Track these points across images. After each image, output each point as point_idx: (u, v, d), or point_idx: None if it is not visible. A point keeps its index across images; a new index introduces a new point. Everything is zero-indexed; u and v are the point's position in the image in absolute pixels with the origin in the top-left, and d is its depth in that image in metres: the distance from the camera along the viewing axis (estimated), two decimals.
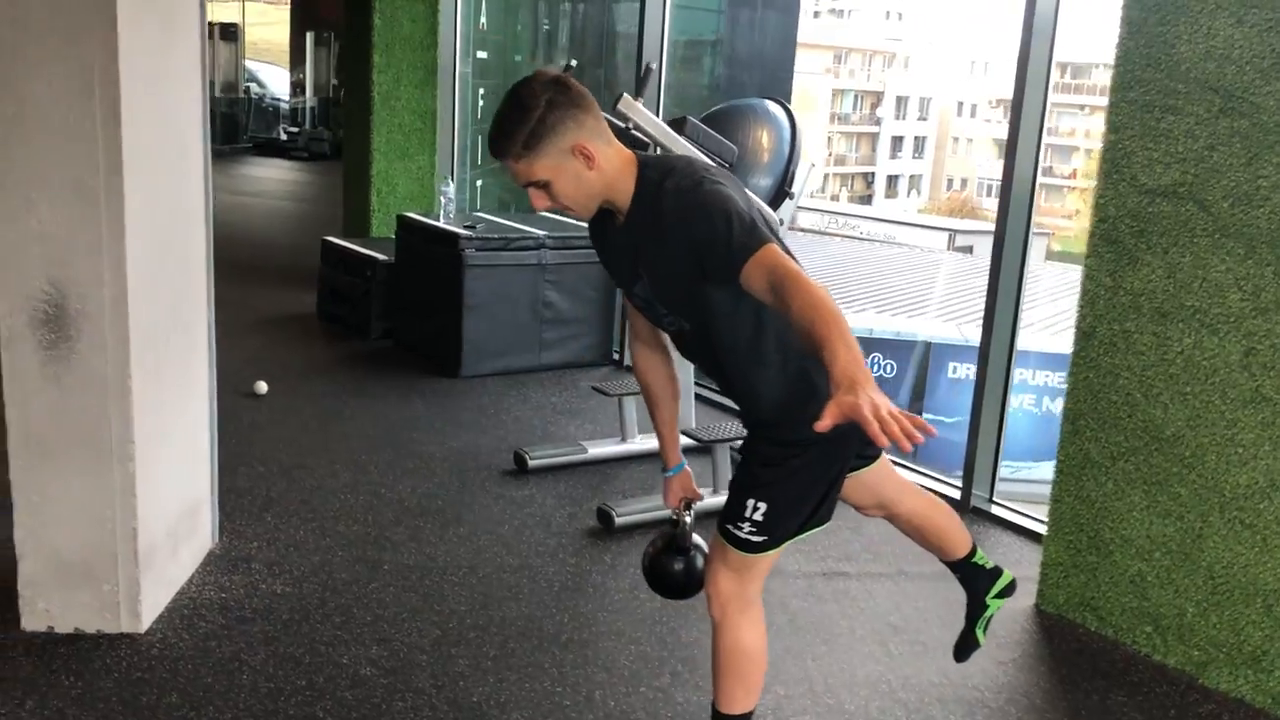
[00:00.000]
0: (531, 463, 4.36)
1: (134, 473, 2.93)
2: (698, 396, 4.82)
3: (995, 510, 4.21)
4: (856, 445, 2.31)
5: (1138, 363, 3.21)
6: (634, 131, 3.71)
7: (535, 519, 3.96)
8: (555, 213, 2.28)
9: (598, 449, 4.54)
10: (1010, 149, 4.04)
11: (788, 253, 2.02)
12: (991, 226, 4.28)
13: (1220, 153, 2.98)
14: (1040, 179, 4.04)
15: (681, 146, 3.74)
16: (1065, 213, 46.37)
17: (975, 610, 2.76)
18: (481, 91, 8.08)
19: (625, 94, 3.66)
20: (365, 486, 4.14)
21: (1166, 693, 3.06)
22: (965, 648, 2.81)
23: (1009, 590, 2.77)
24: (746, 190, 2.23)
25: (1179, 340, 3.10)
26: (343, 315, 6.49)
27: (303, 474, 4.22)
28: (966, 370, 11.71)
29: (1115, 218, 3.23)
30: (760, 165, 3.95)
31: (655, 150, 3.73)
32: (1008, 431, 4.22)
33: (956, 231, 31.37)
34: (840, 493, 2.38)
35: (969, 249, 27.90)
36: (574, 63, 4.48)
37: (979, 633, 2.77)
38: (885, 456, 2.56)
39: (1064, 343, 13.09)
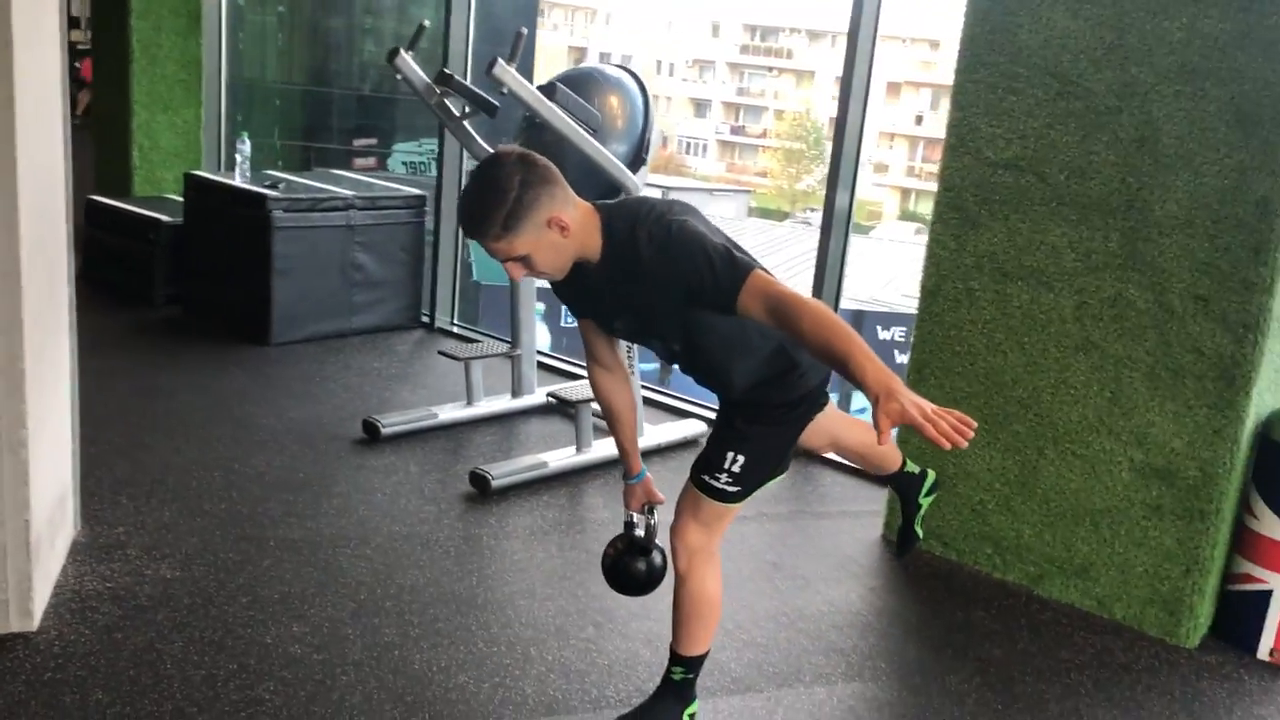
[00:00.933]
0: (385, 430, 4.32)
1: (26, 461, 2.72)
2: (554, 368, 4.90)
3: (832, 455, 4.58)
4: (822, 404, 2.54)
5: (980, 316, 3.61)
6: (506, 94, 3.74)
7: (406, 487, 3.94)
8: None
9: (447, 414, 4.54)
10: (840, 125, 4.35)
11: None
12: (702, 184, 4.52)
13: (1057, 131, 3.39)
14: (735, 138, 4.38)
15: (552, 112, 3.80)
16: (759, 170, 48.80)
17: (911, 510, 3.06)
18: (241, 36, 7.68)
19: (500, 60, 3.67)
20: (216, 462, 3.97)
21: (1011, 605, 3.51)
22: (907, 542, 3.09)
23: (936, 487, 3.10)
24: (700, 214, 2.35)
25: (1018, 296, 3.52)
26: (118, 281, 6.05)
27: (144, 453, 3.99)
28: (893, 333, 12.57)
29: (960, 187, 3.60)
30: (616, 132, 4.06)
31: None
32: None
33: (668, 189, 32.49)
34: None
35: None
36: (427, 22, 4.39)
37: (918, 529, 3.08)
38: (832, 400, 2.78)
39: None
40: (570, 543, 3.64)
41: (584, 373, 5.19)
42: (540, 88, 3.82)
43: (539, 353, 5.05)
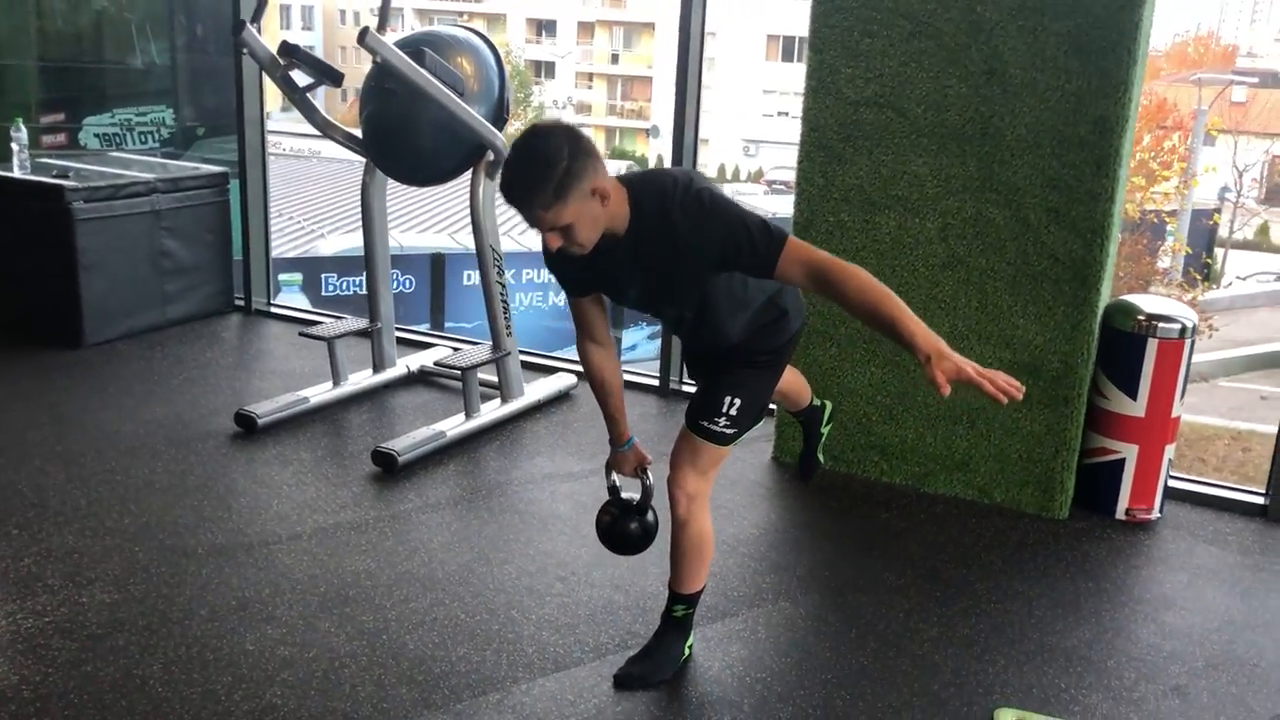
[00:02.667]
0: (261, 421, 4.15)
1: None
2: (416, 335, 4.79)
3: (688, 388, 4.79)
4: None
5: (851, 245, 3.90)
6: (378, 62, 3.65)
7: (309, 475, 3.83)
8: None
9: (318, 397, 4.41)
10: (680, 86, 4.49)
11: None
12: None
13: (912, 68, 3.70)
14: None
15: (425, 79, 3.74)
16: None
17: (814, 439, 3.34)
18: None
19: (370, 29, 3.57)
20: (94, 477, 3.70)
21: (907, 504, 3.87)
22: (811, 468, 3.38)
23: (832, 416, 3.39)
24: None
25: (886, 224, 3.83)
26: None
27: (4, 479, 3.66)
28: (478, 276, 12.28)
29: (824, 126, 3.85)
30: (473, 94, 4.04)
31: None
32: (534, 327, 4.77)
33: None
34: None
35: None
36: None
37: (820, 455, 3.37)
38: None
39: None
40: (499, 506, 3.68)
41: (442, 340, 5.17)
42: (408, 55, 3.74)
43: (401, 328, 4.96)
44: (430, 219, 14.74)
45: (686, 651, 2.83)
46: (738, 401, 2.60)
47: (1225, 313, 14.68)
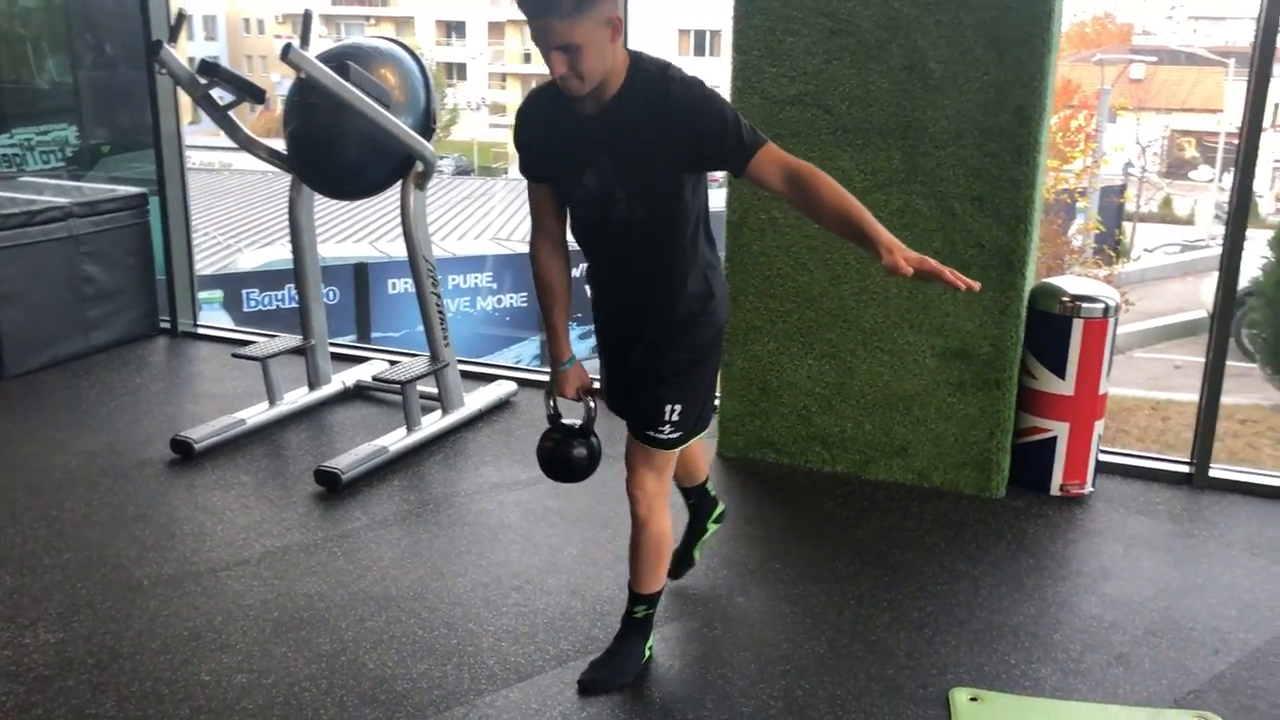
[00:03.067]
0: (199, 446, 4.08)
1: None
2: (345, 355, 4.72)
3: None
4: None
5: (784, 241, 3.96)
6: (301, 77, 3.61)
7: (251, 499, 3.78)
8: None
9: (255, 418, 4.35)
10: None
11: None
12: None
13: (834, 66, 3.76)
14: None
15: (350, 93, 3.71)
16: None
17: (697, 534, 3.18)
18: None
19: (293, 44, 3.53)
20: (26, 514, 3.61)
21: (850, 491, 3.94)
22: (683, 566, 3.19)
23: (722, 518, 3.24)
24: None
25: None
26: None
27: None
28: (405, 284, 12.15)
29: (751, 126, 3.90)
30: (399, 105, 4.02)
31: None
32: (468, 334, 4.72)
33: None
34: None
35: None
36: (187, 10, 4.07)
37: (697, 553, 3.21)
38: None
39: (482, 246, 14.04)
40: (447, 519, 3.67)
41: (376, 354, 5.13)
42: (333, 69, 3.70)
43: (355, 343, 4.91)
44: (350, 228, 14.56)
45: (647, 652, 2.86)
46: (678, 408, 2.59)
47: (1138, 286, 15.12)
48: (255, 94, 3.99)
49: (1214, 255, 17.39)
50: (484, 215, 17.99)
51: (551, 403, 2.72)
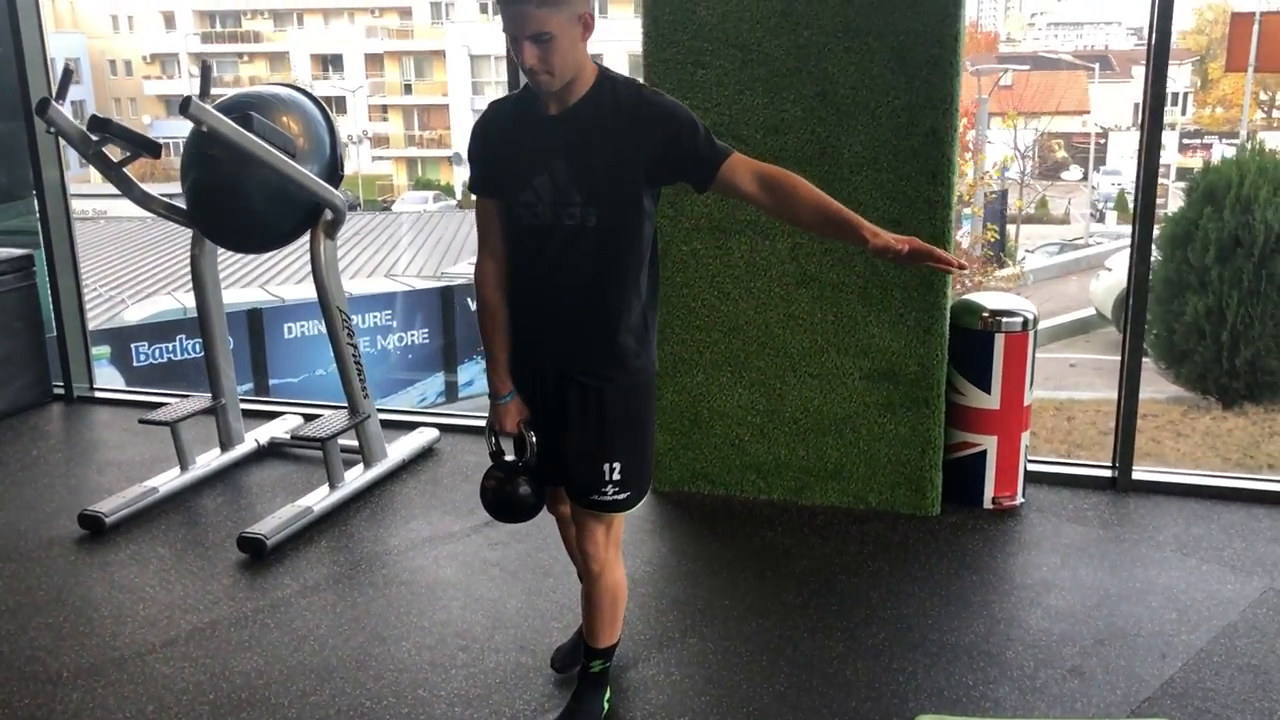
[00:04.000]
0: (109, 520, 3.87)
1: None
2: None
3: None
4: None
5: (707, 272, 3.94)
6: (203, 130, 3.47)
7: (172, 573, 3.60)
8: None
9: (166, 485, 4.15)
10: None
11: None
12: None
13: (747, 95, 3.76)
14: None
15: (255, 144, 3.57)
16: None
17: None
18: None
19: (192, 98, 3.39)
20: None
21: (788, 519, 3.92)
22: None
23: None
24: None
25: (738, 248, 3.89)
26: None
27: None
28: (301, 327, 11.85)
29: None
30: (304, 153, 3.89)
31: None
32: (373, 376, 4.50)
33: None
34: None
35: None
36: (72, 65, 3.88)
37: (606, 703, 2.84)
38: None
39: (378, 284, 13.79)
40: (381, 579, 3.54)
41: (288, 409, 4.96)
42: (235, 119, 3.57)
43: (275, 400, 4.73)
44: (237, 273, 14.19)
45: (606, 706, 2.78)
46: (618, 465, 2.48)
47: (1025, 288, 15.58)
48: (150, 148, 3.82)
49: (1095, 254, 18.03)
50: (377, 251, 17.72)
51: (493, 439, 2.58)
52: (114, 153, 3.92)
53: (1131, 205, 4.10)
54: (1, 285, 5.03)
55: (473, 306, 12.71)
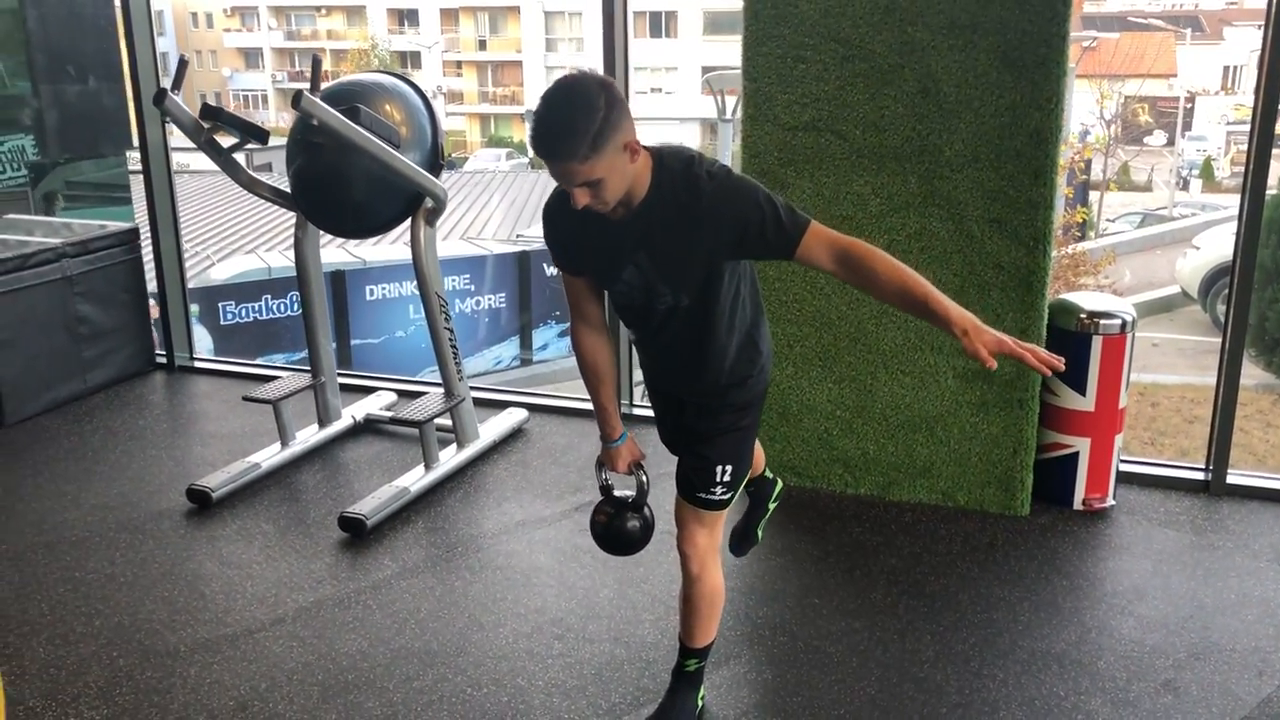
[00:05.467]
0: (215, 495, 4.02)
1: None
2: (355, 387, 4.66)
3: (640, 410, 4.80)
4: None
5: (799, 266, 3.93)
6: (315, 124, 3.55)
7: (277, 550, 3.73)
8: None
9: (268, 461, 4.29)
10: None
11: None
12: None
13: (848, 91, 3.75)
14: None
15: (363, 136, 3.65)
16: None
17: (758, 513, 3.22)
18: None
19: (304, 92, 3.47)
20: (49, 577, 3.55)
21: (875, 515, 3.95)
22: (745, 544, 3.26)
23: (781, 494, 3.28)
24: None
25: None
26: None
27: None
28: (383, 290, 12.07)
29: (764, 152, 3.88)
30: (406, 142, 3.96)
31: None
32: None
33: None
34: None
35: (268, 166, 27.56)
36: (187, 57, 4.00)
37: (759, 532, 3.26)
38: None
39: (453, 247, 13.89)
40: (478, 563, 3.64)
41: (391, 387, 5.08)
42: (342, 112, 3.64)
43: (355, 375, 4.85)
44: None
45: (700, 703, 2.85)
46: (729, 468, 2.58)
47: (1104, 260, 15.25)
48: (258, 135, 3.92)
49: (1180, 227, 17.58)
50: (450, 212, 17.86)
51: (603, 475, 2.71)
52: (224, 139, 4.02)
53: (1220, 176, 3.98)
54: (110, 258, 5.19)
55: (549, 271, 12.79)
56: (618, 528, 2.68)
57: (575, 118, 2.09)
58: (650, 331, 2.52)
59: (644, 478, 2.69)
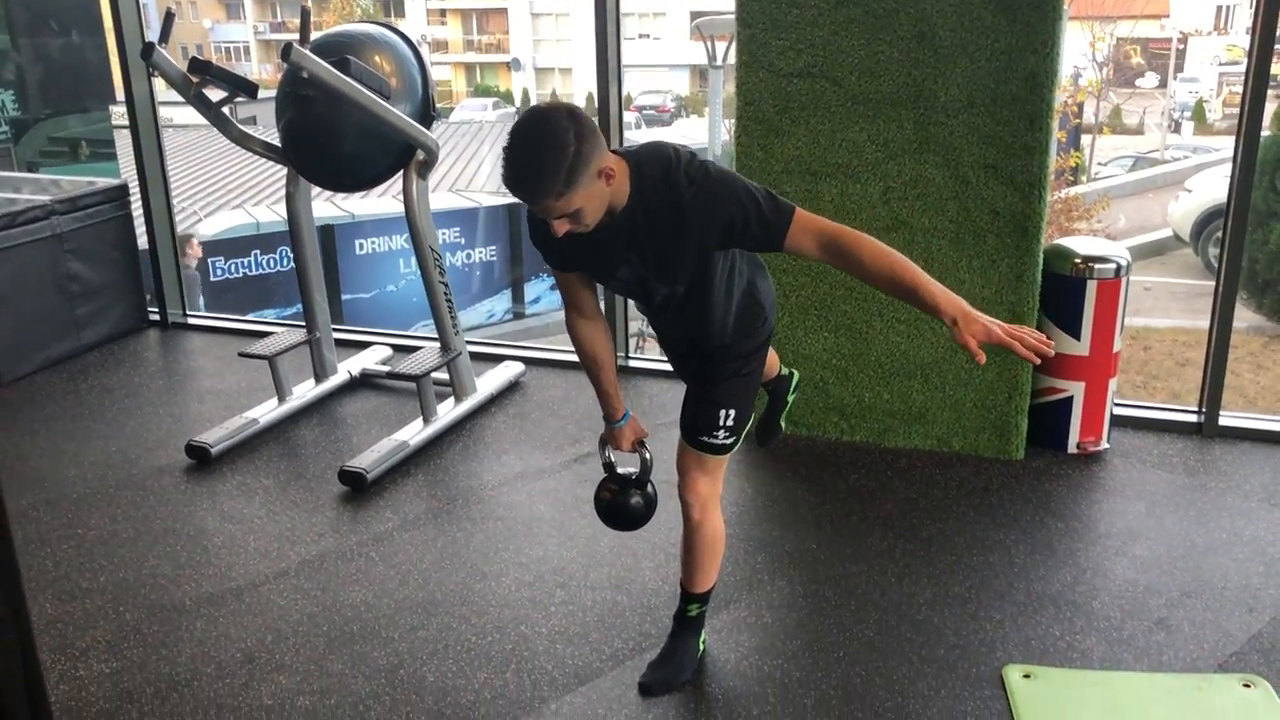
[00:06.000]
0: (214, 450, 4.03)
1: None
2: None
3: (637, 363, 4.81)
4: None
5: None
6: (304, 75, 3.52)
7: (278, 504, 3.75)
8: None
9: (266, 416, 4.30)
10: None
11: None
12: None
13: (842, 37, 3.72)
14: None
15: (352, 88, 3.62)
16: None
17: (779, 406, 3.28)
18: None
19: (293, 44, 3.43)
20: (50, 534, 3.57)
21: (871, 461, 3.98)
22: (770, 434, 3.31)
23: (799, 385, 3.36)
24: None
25: (828, 191, 3.88)
26: None
27: None
28: (372, 244, 12.02)
29: (759, 100, 3.86)
30: (396, 93, 3.93)
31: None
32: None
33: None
34: None
35: (253, 119, 27.29)
36: (173, 8, 3.94)
37: (782, 422, 3.31)
38: None
39: (441, 199, 13.82)
40: (479, 514, 3.67)
41: (383, 340, 5.08)
42: (332, 63, 3.61)
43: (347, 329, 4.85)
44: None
45: (701, 647, 2.89)
46: (732, 413, 2.62)
47: (1097, 205, 15.23)
48: (248, 89, 3.89)
49: (1172, 170, 17.54)
50: (438, 164, 17.72)
51: (606, 453, 2.76)
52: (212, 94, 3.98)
53: (1212, 117, 3.98)
54: (100, 215, 5.16)
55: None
56: (621, 503, 2.74)
57: (546, 158, 2.08)
58: (653, 310, 2.58)
59: (647, 455, 2.74)
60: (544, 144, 2.09)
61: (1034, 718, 2.63)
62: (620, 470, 2.76)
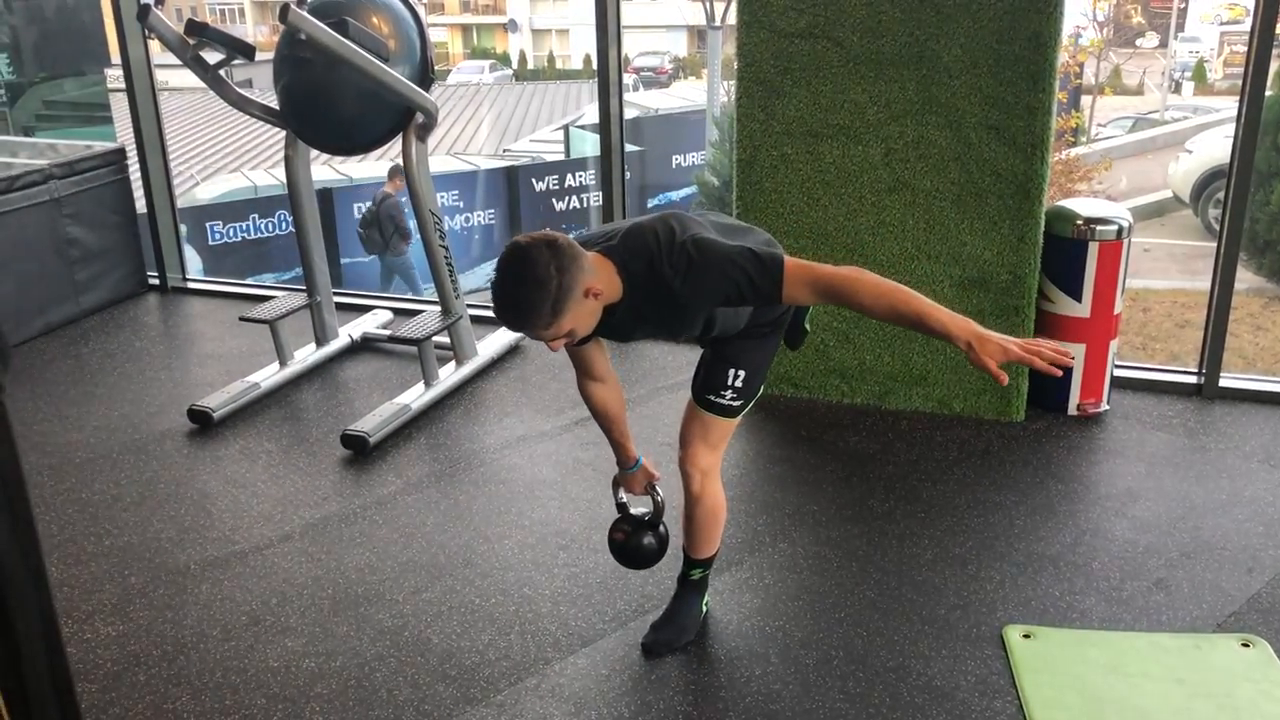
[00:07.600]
0: (217, 415, 4.04)
1: None
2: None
3: None
4: None
5: (796, 177, 3.93)
6: (302, 37, 3.49)
7: (281, 468, 3.77)
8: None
9: (267, 381, 4.30)
10: None
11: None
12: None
13: None
14: None
15: (350, 51, 3.59)
16: None
17: (802, 310, 3.12)
18: None
19: (291, 5, 3.40)
20: (55, 498, 3.58)
21: (872, 423, 3.99)
22: (798, 336, 3.07)
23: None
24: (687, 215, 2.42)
25: (830, 153, 3.87)
26: None
27: None
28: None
29: (760, 61, 3.84)
30: (395, 55, 3.90)
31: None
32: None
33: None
34: None
35: (249, 82, 27.08)
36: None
37: (806, 324, 3.00)
38: None
39: (440, 163, 13.73)
40: (481, 477, 3.68)
41: (391, 302, 5.07)
42: (330, 25, 3.58)
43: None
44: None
45: (704, 608, 2.92)
46: (742, 373, 2.62)
47: (1099, 168, 15.16)
48: (246, 51, 3.86)
49: (1172, 130, 17.43)
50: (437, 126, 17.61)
51: (620, 495, 2.83)
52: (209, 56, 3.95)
53: (1213, 78, 3.95)
54: (97, 179, 5.13)
55: (537, 188, 12.74)
56: (635, 545, 2.80)
57: (530, 296, 2.14)
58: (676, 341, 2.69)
59: (659, 498, 2.79)
60: (528, 282, 2.14)
61: (1034, 677, 2.66)
62: (634, 511, 2.81)
